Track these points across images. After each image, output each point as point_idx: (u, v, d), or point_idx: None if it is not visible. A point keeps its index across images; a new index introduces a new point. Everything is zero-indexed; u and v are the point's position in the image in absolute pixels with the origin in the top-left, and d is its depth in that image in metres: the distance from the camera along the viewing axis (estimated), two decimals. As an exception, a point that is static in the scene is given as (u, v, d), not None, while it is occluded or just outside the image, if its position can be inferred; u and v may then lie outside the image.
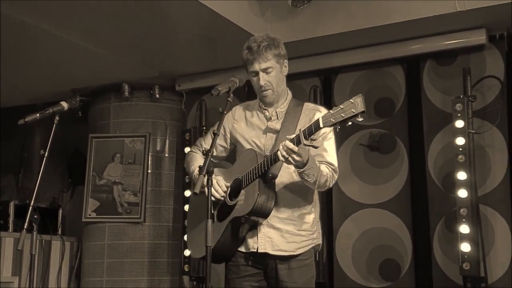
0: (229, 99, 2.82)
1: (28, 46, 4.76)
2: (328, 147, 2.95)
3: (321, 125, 2.59)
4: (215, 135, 2.72)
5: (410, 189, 4.76)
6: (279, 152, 2.66)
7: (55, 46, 4.75)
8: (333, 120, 2.55)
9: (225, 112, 2.77)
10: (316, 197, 3.08)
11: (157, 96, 5.66)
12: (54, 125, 2.94)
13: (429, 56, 4.78)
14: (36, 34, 4.50)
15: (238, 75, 3.00)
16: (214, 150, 3.08)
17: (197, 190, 2.57)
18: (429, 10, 4.32)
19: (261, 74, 2.94)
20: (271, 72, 2.95)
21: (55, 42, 4.67)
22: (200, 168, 2.58)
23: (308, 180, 2.79)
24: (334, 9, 4.59)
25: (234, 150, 3.20)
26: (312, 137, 2.62)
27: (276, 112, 3.03)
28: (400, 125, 4.87)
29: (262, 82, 2.94)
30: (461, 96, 4.41)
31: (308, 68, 5.07)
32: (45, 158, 2.87)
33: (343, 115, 2.52)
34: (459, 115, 4.38)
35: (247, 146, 3.03)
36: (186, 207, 5.18)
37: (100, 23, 4.42)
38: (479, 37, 4.51)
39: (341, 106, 2.54)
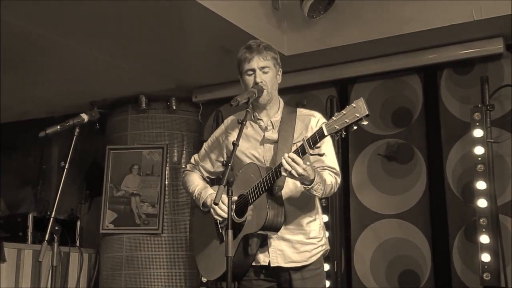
0: (248, 109, 2.79)
1: (46, 59, 4.81)
2: (327, 151, 2.85)
3: (326, 133, 2.54)
4: (235, 145, 2.67)
5: (429, 199, 4.73)
6: (282, 167, 2.60)
7: (73, 59, 4.81)
8: (337, 127, 2.50)
9: (244, 123, 2.75)
10: (317, 202, 3.01)
11: (174, 107, 5.69)
12: (75, 137, 2.94)
13: (447, 65, 4.76)
14: (54, 47, 4.56)
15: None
16: (211, 166, 3.11)
17: (217, 201, 2.55)
18: (446, 20, 4.31)
19: (258, 71, 2.89)
20: (267, 73, 2.90)
21: (74, 56, 4.72)
22: (220, 178, 2.55)
23: (316, 194, 2.75)
24: (350, 19, 4.59)
25: None
26: (316, 145, 2.58)
27: (271, 121, 2.95)
28: (417, 135, 4.85)
29: (258, 79, 2.88)
30: (479, 105, 4.38)
31: (324, 79, 5.07)
32: (65, 170, 2.87)
33: (347, 121, 2.47)
34: (477, 124, 4.36)
35: (245, 159, 2.92)
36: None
37: (117, 36, 4.46)
38: (497, 46, 4.50)
39: (344, 112, 2.49)
